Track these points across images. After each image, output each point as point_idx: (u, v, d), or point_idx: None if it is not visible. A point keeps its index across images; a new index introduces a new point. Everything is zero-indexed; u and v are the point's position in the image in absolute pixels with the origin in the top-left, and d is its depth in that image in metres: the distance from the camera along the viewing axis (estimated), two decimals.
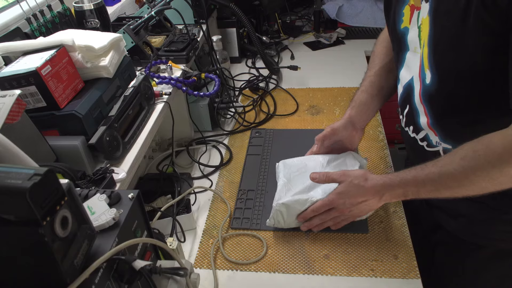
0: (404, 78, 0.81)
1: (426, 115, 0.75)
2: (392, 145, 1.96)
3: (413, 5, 0.73)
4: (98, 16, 1.07)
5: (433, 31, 0.67)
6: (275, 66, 1.53)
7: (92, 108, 0.76)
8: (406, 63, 0.80)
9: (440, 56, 0.67)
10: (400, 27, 0.78)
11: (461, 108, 0.70)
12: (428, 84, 0.71)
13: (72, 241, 0.36)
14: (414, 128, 0.81)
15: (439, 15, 0.65)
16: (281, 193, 0.88)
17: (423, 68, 0.71)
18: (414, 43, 0.75)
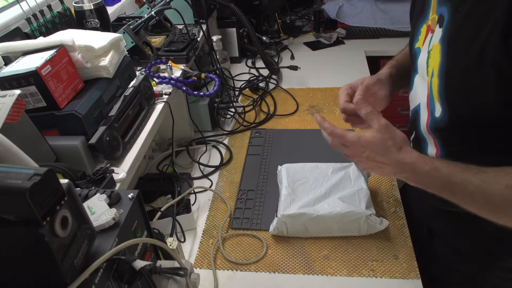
0: (412, 102, 0.75)
1: (435, 146, 0.69)
2: None
3: (430, 26, 0.66)
4: (98, 16, 1.07)
5: (445, 63, 0.60)
6: (275, 66, 1.53)
7: (92, 108, 0.76)
8: (414, 87, 0.74)
9: (452, 94, 0.60)
10: (414, 46, 0.73)
11: (473, 148, 0.64)
12: (437, 118, 0.65)
13: (72, 241, 0.36)
14: None
15: (453, 48, 0.59)
16: (285, 204, 0.88)
17: (432, 99, 0.65)
18: (422, 67, 0.68)
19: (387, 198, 0.97)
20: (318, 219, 0.85)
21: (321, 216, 0.84)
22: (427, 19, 0.68)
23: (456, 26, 0.58)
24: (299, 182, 0.93)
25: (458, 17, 0.58)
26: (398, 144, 0.62)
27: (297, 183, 0.93)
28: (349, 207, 0.85)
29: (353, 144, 0.66)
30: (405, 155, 0.62)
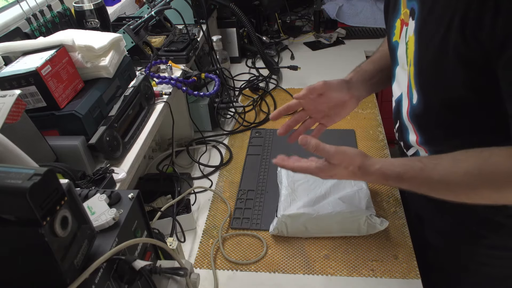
0: (395, 92, 0.79)
1: (415, 133, 0.73)
2: (392, 145, 1.96)
3: (403, 20, 0.71)
4: (98, 16, 1.07)
5: (417, 52, 0.64)
6: (275, 66, 1.53)
7: (92, 108, 0.76)
8: (396, 78, 0.78)
9: (424, 80, 0.65)
10: (392, 39, 0.76)
11: (449, 133, 0.68)
12: (414, 105, 0.69)
13: (72, 241, 0.36)
14: (404, 144, 0.79)
15: (422, 38, 0.63)
16: (285, 204, 0.88)
17: (411, 87, 0.69)
18: (402, 59, 0.72)
19: (387, 198, 0.97)
20: (318, 219, 0.85)
21: (321, 216, 0.84)
22: (399, 14, 0.72)
23: (423, 17, 0.62)
24: (299, 182, 0.93)
25: (425, 9, 0.62)
26: (356, 164, 0.68)
27: (297, 183, 0.93)
28: (349, 207, 0.85)
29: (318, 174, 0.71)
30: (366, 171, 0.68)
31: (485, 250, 0.78)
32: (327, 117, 0.84)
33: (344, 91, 0.81)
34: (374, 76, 0.85)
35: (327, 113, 0.83)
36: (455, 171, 0.60)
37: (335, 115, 0.83)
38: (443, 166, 0.62)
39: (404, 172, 0.64)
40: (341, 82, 0.81)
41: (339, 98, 0.81)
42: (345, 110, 0.83)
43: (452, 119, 0.66)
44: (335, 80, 0.81)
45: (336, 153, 0.68)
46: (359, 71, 0.86)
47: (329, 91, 0.79)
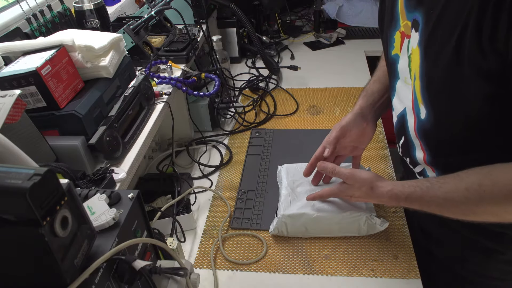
0: (396, 108, 0.78)
1: (422, 150, 0.72)
2: (392, 145, 1.96)
3: (403, 32, 0.69)
4: (98, 16, 1.07)
5: (424, 66, 0.62)
6: (275, 66, 1.53)
7: (92, 108, 0.76)
8: (397, 93, 0.76)
9: (434, 96, 0.63)
10: (391, 53, 0.75)
11: (460, 149, 0.67)
12: (423, 120, 0.67)
13: (72, 241, 0.36)
14: (410, 161, 0.78)
15: (430, 50, 0.60)
16: (285, 203, 0.88)
17: (417, 102, 0.67)
18: (404, 73, 0.70)
19: None
20: (318, 219, 0.85)
21: (321, 217, 0.84)
22: (398, 26, 0.70)
23: (430, 29, 0.59)
24: (299, 182, 0.93)
25: (431, 20, 0.59)
26: (369, 185, 0.74)
27: (297, 183, 0.93)
28: (349, 208, 0.85)
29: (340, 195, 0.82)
30: (379, 190, 0.72)
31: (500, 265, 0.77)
32: (354, 149, 0.89)
33: (360, 123, 0.85)
34: (383, 95, 0.87)
35: (352, 146, 0.88)
36: (457, 188, 0.61)
37: (360, 144, 0.89)
38: (448, 184, 0.63)
39: (412, 192, 0.67)
40: (355, 117, 0.85)
41: (358, 131, 0.86)
42: (366, 136, 0.88)
43: (464, 134, 0.64)
44: (348, 117, 0.86)
45: (351, 174, 0.77)
46: (366, 95, 0.88)
47: (348, 132, 0.85)
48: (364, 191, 0.75)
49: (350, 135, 0.85)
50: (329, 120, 1.28)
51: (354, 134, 0.85)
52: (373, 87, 0.88)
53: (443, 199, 0.63)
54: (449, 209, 0.64)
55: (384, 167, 1.08)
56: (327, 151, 0.84)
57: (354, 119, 0.85)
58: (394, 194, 0.70)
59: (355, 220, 0.84)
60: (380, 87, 0.87)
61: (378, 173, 1.05)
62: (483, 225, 0.65)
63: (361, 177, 0.75)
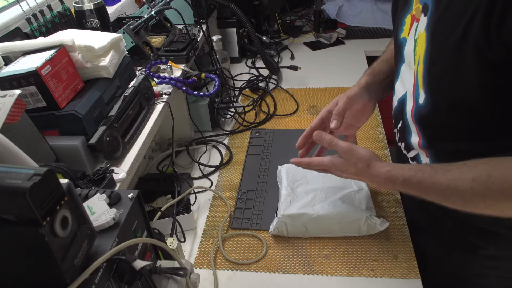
0: (398, 91, 0.77)
1: (418, 135, 0.71)
2: (392, 145, 1.96)
3: (414, 15, 0.68)
4: (98, 16, 1.07)
5: (429, 50, 0.62)
6: (275, 66, 1.53)
7: (92, 108, 0.76)
8: (400, 76, 0.76)
9: (435, 79, 0.62)
10: (400, 36, 0.74)
11: (455, 136, 0.66)
12: (421, 105, 0.67)
13: (72, 241, 0.36)
14: (405, 146, 0.77)
15: (437, 35, 0.60)
16: (285, 203, 0.88)
17: (417, 87, 0.67)
18: (409, 56, 0.70)
19: (387, 198, 0.97)
20: (318, 219, 0.85)
21: (321, 217, 0.84)
22: (411, 9, 0.69)
23: (439, 14, 0.59)
24: (299, 182, 0.93)
25: (441, 5, 0.59)
26: (366, 162, 0.70)
27: (297, 183, 0.93)
28: (349, 208, 0.85)
29: (330, 169, 0.75)
30: (376, 169, 0.69)
31: (482, 261, 0.77)
32: (349, 127, 0.85)
33: (365, 97, 0.82)
34: (388, 76, 0.84)
35: (348, 124, 0.84)
36: (464, 177, 0.59)
37: (356, 122, 0.85)
38: (453, 172, 0.61)
39: (412, 176, 0.64)
40: (361, 90, 0.82)
41: (360, 107, 0.81)
42: (365, 115, 0.84)
43: (460, 121, 0.64)
44: (355, 90, 0.81)
45: (349, 148, 0.71)
46: (372, 73, 0.85)
47: (353, 105, 0.81)
48: (359, 167, 0.70)
49: (353, 108, 0.81)
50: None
51: (356, 109, 0.81)
52: (380, 67, 0.86)
53: (445, 186, 0.61)
54: (449, 198, 0.62)
55: None
56: (335, 122, 0.77)
57: (361, 93, 0.81)
58: (392, 175, 0.67)
59: (355, 220, 0.84)
60: (387, 68, 0.85)
61: None
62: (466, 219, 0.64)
63: (359, 152, 0.71)
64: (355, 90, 0.81)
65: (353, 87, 0.83)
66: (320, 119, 0.82)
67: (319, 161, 0.76)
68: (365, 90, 0.82)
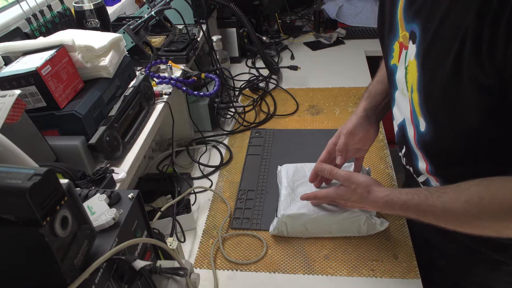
0: (397, 117, 0.77)
1: (424, 161, 0.71)
2: (392, 145, 1.96)
3: (402, 42, 0.67)
4: (98, 16, 1.07)
5: (422, 79, 0.61)
6: (275, 66, 1.53)
7: (92, 108, 0.76)
8: (396, 102, 0.75)
9: (434, 109, 0.62)
10: (390, 62, 0.74)
11: (463, 161, 0.65)
12: (423, 132, 0.66)
13: (72, 241, 0.36)
14: (414, 170, 0.77)
15: (428, 64, 0.59)
16: (285, 204, 0.88)
17: (415, 114, 0.66)
18: (401, 83, 0.70)
19: None
20: (318, 219, 0.85)
21: (321, 217, 0.84)
22: (397, 36, 0.69)
23: (427, 43, 0.58)
24: (299, 182, 0.93)
25: (428, 34, 0.58)
26: (366, 188, 0.73)
27: (297, 183, 0.93)
28: (349, 208, 0.85)
29: (335, 199, 0.80)
30: (376, 194, 0.72)
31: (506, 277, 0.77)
32: (358, 151, 0.88)
33: (365, 126, 0.85)
34: (386, 96, 0.86)
35: (356, 149, 0.87)
36: (457, 199, 0.60)
37: (364, 145, 0.88)
38: (447, 195, 0.62)
39: (409, 199, 0.66)
40: (360, 120, 0.85)
41: (363, 135, 0.85)
42: (370, 139, 0.87)
43: (465, 147, 0.63)
44: (354, 121, 0.85)
45: (348, 176, 0.77)
46: (369, 96, 0.87)
47: (355, 136, 0.84)
48: (360, 193, 0.74)
49: (356, 138, 0.85)
50: (329, 120, 1.28)
51: (359, 137, 0.85)
52: (376, 88, 0.88)
53: (441, 209, 0.62)
54: (446, 220, 0.63)
55: (384, 167, 1.08)
56: (340, 158, 0.84)
57: (361, 123, 0.85)
58: (390, 199, 0.69)
59: (355, 220, 0.84)
60: (383, 88, 0.86)
61: (378, 173, 1.05)
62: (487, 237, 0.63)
63: (358, 179, 0.75)
64: (354, 121, 0.85)
65: (352, 117, 0.86)
66: (327, 152, 0.87)
67: (324, 193, 0.82)
68: (364, 119, 0.85)
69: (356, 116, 0.86)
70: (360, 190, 0.74)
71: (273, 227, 0.88)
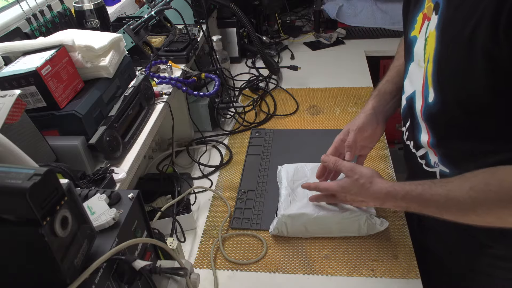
0: (407, 90, 0.77)
1: (428, 133, 0.71)
2: (392, 145, 1.96)
3: (426, 14, 0.68)
4: (98, 16, 1.07)
5: (439, 49, 0.62)
6: (275, 66, 1.53)
7: (92, 108, 0.76)
8: (409, 75, 0.76)
9: (445, 79, 0.62)
10: (410, 34, 0.74)
11: (463, 135, 0.66)
12: (430, 103, 0.67)
13: (72, 241, 0.36)
14: (414, 144, 0.78)
15: (446, 35, 0.60)
16: (285, 204, 0.88)
17: (427, 85, 0.67)
18: (418, 55, 0.70)
19: None
20: (318, 219, 0.85)
21: (321, 217, 0.84)
22: (423, 7, 0.70)
23: (449, 13, 0.60)
24: (298, 182, 0.93)
25: (451, 5, 0.59)
26: (369, 179, 0.73)
27: (297, 183, 0.93)
28: (349, 208, 0.85)
29: (337, 192, 0.80)
30: (378, 186, 0.72)
31: (490, 260, 0.77)
32: (363, 148, 0.89)
33: (373, 123, 0.86)
34: (394, 96, 0.87)
35: (361, 146, 0.88)
36: (462, 186, 0.60)
37: (369, 143, 0.89)
38: (452, 183, 0.62)
39: (412, 189, 0.66)
40: (369, 118, 0.85)
41: (371, 132, 0.86)
42: (376, 137, 0.88)
43: (469, 121, 0.64)
44: (362, 118, 0.85)
45: (352, 166, 0.76)
46: (378, 95, 0.88)
47: (364, 133, 0.85)
48: (362, 183, 0.73)
49: (364, 135, 0.85)
50: (329, 120, 1.28)
51: (367, 134, 0.86)
52: (385, 87, 0.88)
53: (444, 197, 0.62)
54: (449, 209, 0.63)
55: (384, 167, 1.08)
56: (349, 154, 0.83)
57: (369, 120, 0.85)
58: (393, 189, 0.69)
59: (355, 220, 0.84)
60: (392, 88, 0.87)
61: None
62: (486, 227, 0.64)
63: (362, 170, 0.75)
64: (363, 118, 0.85)
65: (360, 114, 0.87)
66: (334, 148, 0.87)
67: (326, 185, 0.82)
68: (373, 116, 0.86)
69: (364, 113, 0.86)
70: (362, 181, 0.73)
71: (273, 227, 0.88)
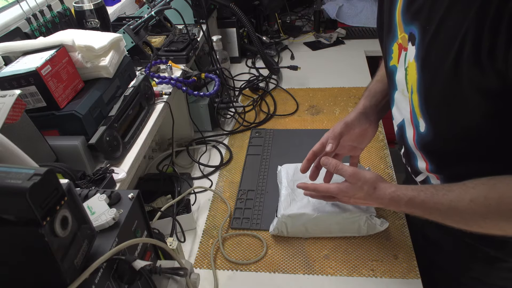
0: (396, 117, 0.77)
1: (425, 161, 0.71)
2: (392, 145, 1.96)
3: (401, 44, 0.67)
4: (98, 16, 1.07)
5: (422, 80, 0.61)
6: (275, 66, 1.53)
7: (92, 108, 0.76)
8: (395, 103, 0.75)
9: (434, 110, 0.62)
10: (389, 63, 0.73)
11: (463, 160, 0.65)
12: (423, 133, 0.66)
13: (72, 241, 0.36)
14: (412, 170, 0.77)
15: (427, 66, 0.59)
16: (285, 203, 0.88)
17: (415, 115, 0.66)
18: (401, 84, 0.69)
19: None
20: (318, 219, 0.85)
21: (321, 217, 0.84)
22: (396, 38, 0.69)
23: (426, 45, 0.58)
24: (298, 182, 0.93)
25: (427, 36, 0.58)
26: (372, 185, 0.71)
27: (297, 183, 0.93)
28: (349, 208, 0.85)
29: (338, 195, 0.77)
30: (381, 191, 0.70)
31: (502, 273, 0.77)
32: (353, 148, 0.88)
33: (363, 122, 0.84)
34: (386, 95, 0.85)
35: (351, 146, 0.87)
36: (463, 198, 0.60)
37: (359, 144, 0.87)
38: (453, 193, 0.61)
39: (415, 196, 0.65)
40: (359, 115, 0.84)
41: (360, 131, 0.84)
42: (367, 137, 0.86)
43: (466, 147, 0.63)
44: (352, 115, 0.84)
45: (354, 172, 0.73)
46: (369, 95, 0.87)
47: (351, 130, 0.83)
48: (366, 190, 0.72)
49: (352, 133, 0.83)
50: (329, 120, 1.28)
51: (356, 133, 0.84)
52: (376, 87, 0.87)
53: (447, 207, 0.61)
54: (452, 218, 0.62)
55: (384, 167, 1.08)
56: (331, 146, 0.80)
57: (359, 118, 0.83)
58: (396, 195, 0.68)
59: (355, 220, 0.84)
60: (383, 87, 0.86)
61: (378, 173, 1.05)
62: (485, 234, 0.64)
63: (365, 176, 0.73)
64: (352, 116, 0.84)
65: (351, 113, 0.85)
66: (321, 143, 0.84)
67: (325, 188, 0.78)
68: (363, 116, 0.84)
69: (355, 111, 0.85)
70: (366, 187, 0.72)
71: (273, 227, 0.88)
